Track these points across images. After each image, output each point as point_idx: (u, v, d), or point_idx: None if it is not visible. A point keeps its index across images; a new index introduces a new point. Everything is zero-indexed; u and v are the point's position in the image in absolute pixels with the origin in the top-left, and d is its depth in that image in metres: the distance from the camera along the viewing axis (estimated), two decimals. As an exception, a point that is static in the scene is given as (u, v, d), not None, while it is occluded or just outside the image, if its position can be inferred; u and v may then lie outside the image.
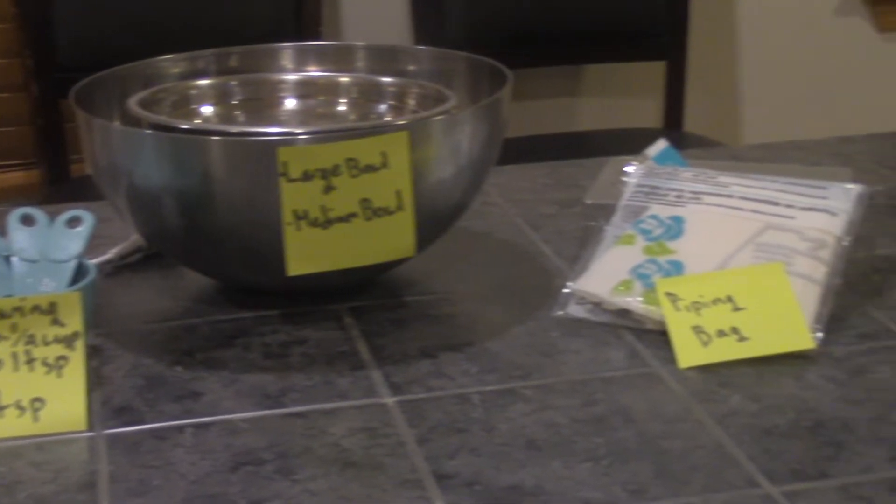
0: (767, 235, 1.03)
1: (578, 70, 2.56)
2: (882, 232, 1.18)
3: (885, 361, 0.95)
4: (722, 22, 2.54)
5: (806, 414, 0.88)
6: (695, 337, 0.96)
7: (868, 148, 1.44)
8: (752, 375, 0.93)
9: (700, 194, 1.08)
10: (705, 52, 2.50)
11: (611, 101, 2.57)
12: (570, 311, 1.03)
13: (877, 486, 0.79)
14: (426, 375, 0.94)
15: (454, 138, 1.00)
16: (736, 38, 2.55)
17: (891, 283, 1.08)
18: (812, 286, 0.99)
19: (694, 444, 0.84)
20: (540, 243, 1.18)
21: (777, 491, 0.79)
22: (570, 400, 0.90)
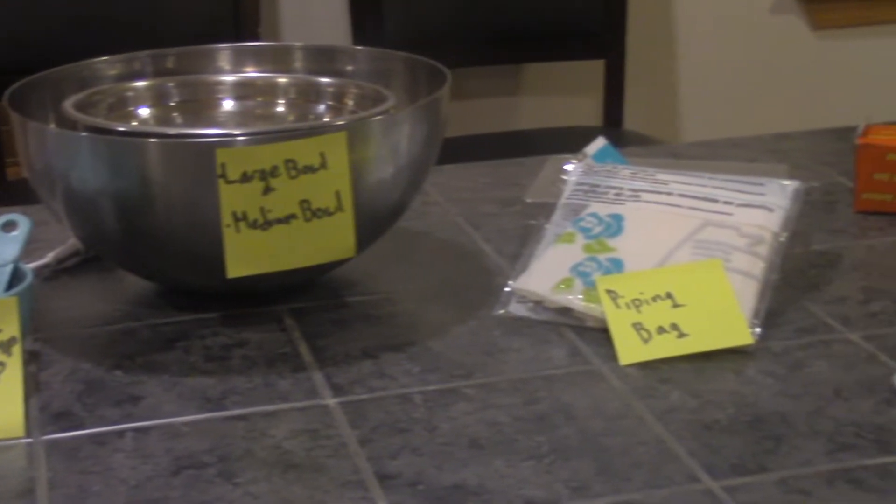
0: (706, 232, 1.04)
1: (518, 69, 2.56)
2: (818, 227, 1.20)
3: (822, 355, 0.96)
4: (660, 20, 2.56)
5: (745, 409, 0.88)
6: (635, 334, 0.97)
7: (804, 144, 1.45)
8: (691, 371, 0.94)
9: (639, 192, 1.09)
10: (644, 51, 2.51)
11: (551, 100, 2.58)
12: (511, 310, 1.03)
13: (815, 479, 0.80)
14: (368, 376, 0.94)
15: (393, 138, 1.00)
16: (674, 36, 2.57)
17: (827, 278, 1.09)
18: (750, 282, 1.00)
19: (635, 440, 0.85)
20: (481, 242, 1.18)
21: (717, 486, 0.79)
22: (512, 398, 0.90)
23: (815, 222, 1.21)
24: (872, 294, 1.06)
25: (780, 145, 1.45)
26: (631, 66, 2.42)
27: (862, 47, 2.60)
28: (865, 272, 1.11)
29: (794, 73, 2.58)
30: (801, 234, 1.16)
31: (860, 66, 2.60)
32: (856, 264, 1.12)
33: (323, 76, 1.17)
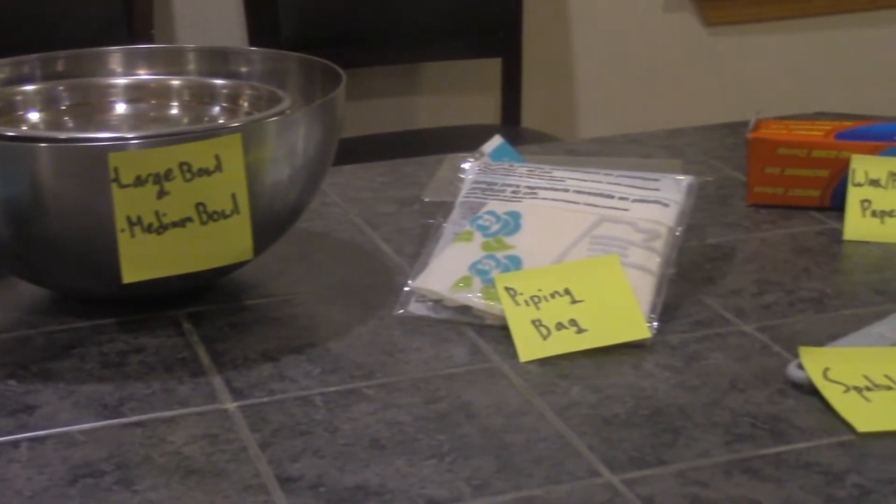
0: (602, 228, 1.05)
1: (416, 68, 2.57)
2: (712, 221, 1.21)
3: (718, 347, 0.97)
4: (555, 18, 2.58)
5: (644, 402, 0.89)
6: (534, 330, 0.97)
7: (697, 140, 1.47)
8: (591, 366, 0.95)
9: (536, 189, 1.09)
10: (540, 49, 2.53)
11: (449, 99, 2.59)
12: (411, 310, 1.03)
13: (713, 470, 0.81)
14: (268, 379, 0.93)
15: (289, 139, 0.99)
16: (569, 33, 2.59)
17: (722, 271, 1.11)
18: (647, 276, 1.01)
19: (536, 436, 0.85)
20: (380, 242, 1.18)
21: (617, 479, 0.80)
22: (412, 398, 0.90)
23: (710, 216, 1.22)
24: (766, 286, 1.08)
25: (675, 141, 1.46)
26: (528, 63, 2.44)
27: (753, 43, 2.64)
28: (759, 265, 1.12)
29: (687, 69, 2.62)
30: (696, 228, 1.17)
31: (751, 62, 2.64)
32: (749, 257, 1.14)
33: (217, 78, 1.16)
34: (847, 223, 1.18)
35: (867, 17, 2.68)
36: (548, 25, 2.56)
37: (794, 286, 1.08)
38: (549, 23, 2.56)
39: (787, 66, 2.66)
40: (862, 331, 0.96)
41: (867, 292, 1.06)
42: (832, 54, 2.68)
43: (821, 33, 2.67)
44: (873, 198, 1.18)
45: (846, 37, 2.68)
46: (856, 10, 2.67)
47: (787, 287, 1.07)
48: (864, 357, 0.92)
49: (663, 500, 0.78)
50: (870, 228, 1.17)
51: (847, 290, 1.07)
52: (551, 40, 2.58)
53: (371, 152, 2.02)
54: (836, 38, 2.68)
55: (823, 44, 2.68)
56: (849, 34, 2.68)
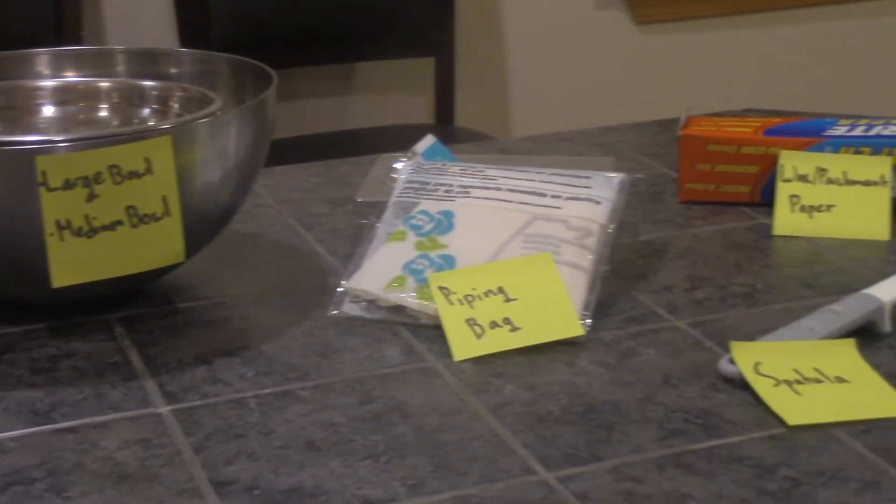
0: (535, 226, 1.05)
1: (349, 68, 2.56)
2: (644, 218, 1.22)
3: (651, 343, 0.98)
4: (487, 17, 2.58)
5: (578, 399, 0.90)
6: (468, 329, 0.97)
7: (629, 137, 1.48)
8: (525, 364, 0.95)
9: (469, 188, 1.10)
10: (473, 48, 2.53)
11: (383, 99, 2.58)
12: (345, 310, 1.03)
13: (646, 465, 0.81)
14: (201, 382, 0.93)
15: (220, 141, 0.99)
16: (502, 32, 2.60)
17: (654, 268, 1.12)
18: (580, 274, 1.02)
19: (471, 435, 0.85)
20: (313, 243, 1.18)
21: (552, 476, 0.80)
22: (347, 398, 0.90)
23: (642, 213, 1.23)
24: (697, 282, 1.09)
25: (606, 138, 1.47)
26: (460, 63, 2.44)
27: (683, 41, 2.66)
28: (690, 260, 1.13)
29: (619, 67, 2.63)
30: (629, 224, 1.18)
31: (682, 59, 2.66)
32: (681, 253, 1.15)
33: (147, 79, 1.15)
34: (776, 218, 1.19)
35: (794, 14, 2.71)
36: (480, 25, 2.56)
37: (726, 281, 1.09)
38: (481, 22, 2.57)
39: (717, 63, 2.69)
40: (792, 325, 0.97)
41: (797, 286, 1.07)
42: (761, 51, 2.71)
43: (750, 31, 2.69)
44: (802, 193, 1.19)
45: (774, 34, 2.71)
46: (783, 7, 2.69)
47: (718, 282, 1.08)
48: (793, 351, 0.93)
49: (597, 496, 0.78)
50: (799, 223, 1.19)
51: (777, 284, 1.08)
52: (484, 39, 2.58)
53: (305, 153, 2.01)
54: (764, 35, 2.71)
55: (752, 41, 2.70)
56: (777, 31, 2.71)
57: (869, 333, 0.97)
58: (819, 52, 2.74)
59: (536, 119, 2.60)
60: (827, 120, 1.26)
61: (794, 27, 2.72)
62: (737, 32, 2.68)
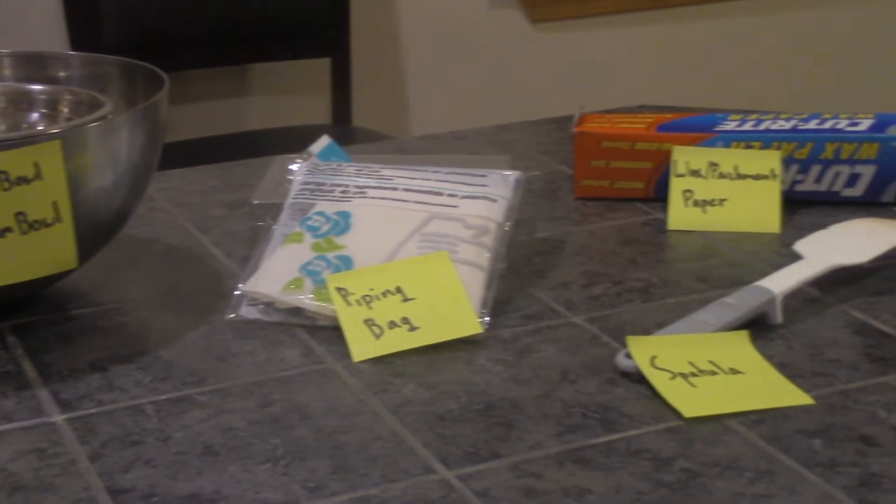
0: (432, 225, 1.06)
1: (245, 69, 2.55)
2: (541, 215, 1.23)
3: (549, 340, 0.98)
4: (383, 17, 2.58)
5: (477, 397, 0.90)
6: (367, 330, 0.97)
7: (525, 135, 1.49)
8: (424, 364, 0.95)
9: (365, 188, 1.10)
10: (369, 47, 2.53)
11: (280, 100, 2.57)
12: (242, 313, 1.02)
13: (545, 461, 0.82)
14: (97, 389, 0.92)
15: (111, 145, 0.97)
16: (397, 32, 2.60)
17: (551, 264, 1.12)
18: (477, 272, 1.02)
19: (371, 436, 0.85)
20: (210, 246, 1.17)
21: (452, 475, 0.81)
22: (246, 402, 0.90)
23: (538, 210, 1.24)
24: (594, 277, 1.09)
25: (503, 136, 1.48)
26: (356, 63, 2.44)
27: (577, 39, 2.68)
28: (587, 257, 1.14)
29: (514, 65, 2.65)
30: (525, 222, 1.19)
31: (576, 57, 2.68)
32: (577, 249, 1.16)
33: (35, 83, 1.13)
34: (670, 213, 1.21)
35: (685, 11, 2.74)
36: (376, 24, 2.56)
37: (622, 277, 1.10)
38: (376, 22, 2.56)
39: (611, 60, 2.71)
40: (686, 318, 0.98)
41: (691, 280, 1.09)
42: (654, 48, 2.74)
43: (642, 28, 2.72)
44: (695, 188, 1.21)
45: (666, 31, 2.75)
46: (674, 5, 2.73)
47: (614, 278, 1.09)
48: (689, 344, 0.94)
49: (498, 493, 0.79)
50: (692, 218, 1.20)
51: (672, 278, 1.10)
52: (379, 39, 2.58)
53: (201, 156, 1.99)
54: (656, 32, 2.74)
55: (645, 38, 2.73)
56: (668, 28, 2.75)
57: (762, 325, 0.99)
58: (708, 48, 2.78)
59: (434, 118, 2.61)
60: (718, 115, 1.28)
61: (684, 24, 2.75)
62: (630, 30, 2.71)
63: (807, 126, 1.23)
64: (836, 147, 1.21)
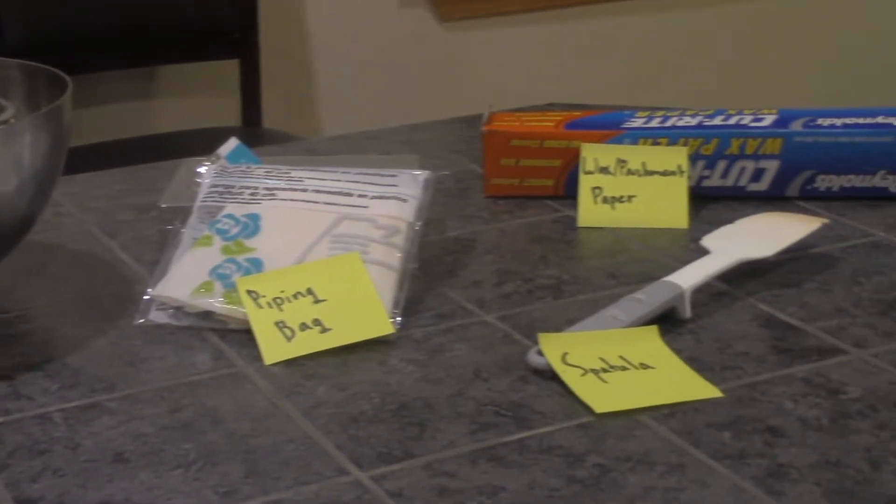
0: (343, 226, 1.05)
1: (153, 71, 2.52)
2: (451, 214, 1.23)
3: (461, 339, 0.98)
4: (292, 17, 2.57)
5: (390, 397, 0.90)
6: (278, 332, 0.97)
7: (435, 134, 1.49)
8: (336, 365, 0.95)
9: (274, 190, 1.09)
10: (278, 48, 2.52)
11: (188, 102, 2.55)
12: (152, 318, 1.01)
13: (459, 460, 0.82)
14: (3, 398, 0.90)
15: (14, 150, 0.96)
16: (307, 32, 2.59)
17: (462, 263, 1.13)
18: (388, 272, 1.02)
19: (283, 439, 0.85)
20: (118, 251, 1.16)
21: (365, 476, 0.80)
22: (156, 408, 0.89)
23: (449, 209, 1.24)
24: (505, 275, 1.10)
25: (413, 136, 1.48)
26: (266, 64, 2.42)
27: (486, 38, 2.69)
28: (498, 255, 1.15)
29: (424, 65, 2.65)
30: (437, 221, 1.19)
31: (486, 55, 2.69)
32: (488, 248, 1.16)
33: (-65, 88, 1.11)
34: (580, 210, 1.22)
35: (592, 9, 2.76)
36: (284, 25, 2.55)
37: (533, 274, 1.10)
38: (285, 22, 2.55)
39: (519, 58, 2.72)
40: (597, 314, 0.99)
41: (601, 277, 1.10)
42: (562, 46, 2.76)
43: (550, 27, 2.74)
44: (603, 185, 1.22)
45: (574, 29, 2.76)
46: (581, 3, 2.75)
47: (525, 276, 1.10)
48: (599, 340, 0.95)
49: (412, 493, 0.79)
50: (602, 214, 1.21)
51: (582, 275, 1.11)
52: (289, 40, 2.57)
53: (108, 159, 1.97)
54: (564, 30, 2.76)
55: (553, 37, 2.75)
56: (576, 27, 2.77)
57: (671, 319, 1.00)
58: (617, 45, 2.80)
59: (345, 118, 2.60)
60: (625, 112, 1.29)
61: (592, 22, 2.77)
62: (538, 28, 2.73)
63: (712, 122, 1.25)
64: (741, 143, 1.23)
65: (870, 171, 1.23)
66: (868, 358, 0.94)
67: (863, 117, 1.24)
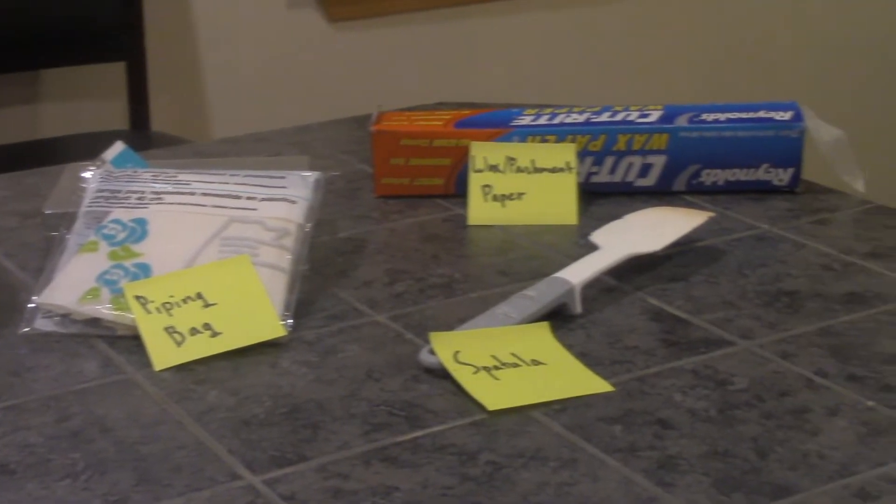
0: (231, 229, 1.04)
1: (36, 75, 2.47)
2: (342, 215, 1.23)
3: (353, 340, 0.98)
4: (179, 18, 2.54)
5: (282, 400, 0.89)
6: (168, 338, 0.96)
7: (325, 135, 1.48)
8: (228, 369, 0.94)
9: (162, 194, 1.08)
10: (166, 51, 2.49)
11: (74, 105, 2.51)
12: (37, 326, 0.99)
13: (352, 461, 0.82)
14: None
15: None
16: (194, 34, 2.56)
17: (354, 264, 1.12)
18: (278, 274, 1.01)
19: (174, 445, 0.84)
20: (1, 258, 1.13)
21: (258, 480, 0.80)
22: (43, 417, 0.87)
23: (340, 210, 1.24)
24: (396, 275, 1.10)
25: (303, 137, 1.47)
26: (153, 66, 2.39)
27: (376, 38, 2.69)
28: (389, 255, 1.15)
29: (313, 65, 2.63)
30: (327, 222, 1.18)
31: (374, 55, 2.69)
32: (379, 248, 1.16)
33: None
34: (470, 209, 1.22)
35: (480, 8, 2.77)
36: (171, 26, 2.52)
37: (424, 273, 1.10)
38: (172, 23, 2.52)
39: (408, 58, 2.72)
40: (488, 312, 0.99)
41: (492, 274, 1.10)
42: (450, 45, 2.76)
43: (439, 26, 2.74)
44: (493, 183, 1.22)
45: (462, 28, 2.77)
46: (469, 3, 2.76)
47: (417, 275, 1.10)
48: (491, 337, 0.95)
49: (305, 496, 0.78)
50: (492, 212, 1.21)
51: (473, 273, 1.11)
52: (176, 41, 2.54)
53: (-8, 165, 1.93)
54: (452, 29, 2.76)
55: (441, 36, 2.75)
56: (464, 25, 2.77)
57: (562, 315, 1.01)
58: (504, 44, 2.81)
59: (234, 120, 2.57)
60: (513, 110, 1.29)
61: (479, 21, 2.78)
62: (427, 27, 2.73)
63: (599, 119, 1.26)
64: (628, 138, 1.24)
65: (753, 164, 1.25)
66: (754, 349, 0.96)
67: (746, 112, 1.26)
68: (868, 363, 0.93)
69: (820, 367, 0.93)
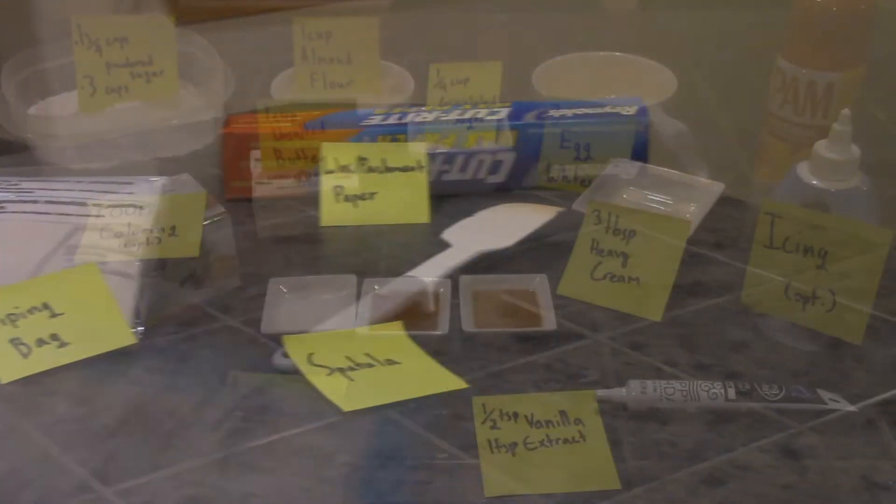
0: (78, 237, 1.02)
1: None
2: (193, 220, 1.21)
3: (206, 345, 0.97)
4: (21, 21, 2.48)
5: (134, 409, 0.88)
6: (13, 350, 0.93)
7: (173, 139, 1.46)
8: (78, 380, 0.92)
9: (4, 203, 1.05)
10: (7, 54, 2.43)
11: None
12: None
13: (207, 468, 0.81)
14: None
15: None
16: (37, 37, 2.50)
17: (205, 268, 1.11)
18: (127, 282, 1.00)
19: (22, 459, 0.82)
20: None
21: (111, 491, 0.79)
22: None
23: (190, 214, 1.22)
24: (250, 279, 1.09)
25: (150, 141, 1.44)
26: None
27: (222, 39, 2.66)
28: (241, 258, 1.13)
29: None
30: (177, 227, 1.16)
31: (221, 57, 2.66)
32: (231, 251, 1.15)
33: None
34: (322, 210, 1.21)
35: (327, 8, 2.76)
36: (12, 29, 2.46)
37: (278, 275, 1.09)
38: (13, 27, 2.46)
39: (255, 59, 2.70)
40: (342, 313, 0.99)
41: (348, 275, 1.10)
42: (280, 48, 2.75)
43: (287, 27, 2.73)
44: (345, 183, 1.22)
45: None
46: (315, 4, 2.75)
47: (266, 278, 1.09)
48: (345, 338, 0.95)
49: (159, 505, 0.77)
50: (344, 213, 1.21)
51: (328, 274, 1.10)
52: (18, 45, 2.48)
53: None
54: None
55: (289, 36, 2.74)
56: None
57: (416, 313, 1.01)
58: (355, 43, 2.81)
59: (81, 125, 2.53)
60: (363, 111, 1.29)
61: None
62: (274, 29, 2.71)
63: (448, 117, 1.26)
64: (477, 136, 1.25)
65: (601, 159, 1.27)
66: (604, 341, 0.97)
67: (592, 108, 1.28)
68: (715, 351, 0.95)
69: (669, 356, 0.95)
